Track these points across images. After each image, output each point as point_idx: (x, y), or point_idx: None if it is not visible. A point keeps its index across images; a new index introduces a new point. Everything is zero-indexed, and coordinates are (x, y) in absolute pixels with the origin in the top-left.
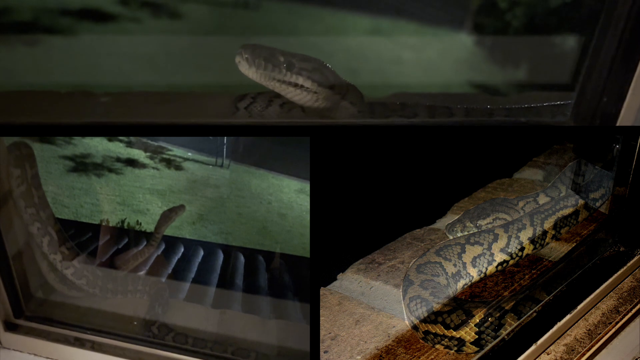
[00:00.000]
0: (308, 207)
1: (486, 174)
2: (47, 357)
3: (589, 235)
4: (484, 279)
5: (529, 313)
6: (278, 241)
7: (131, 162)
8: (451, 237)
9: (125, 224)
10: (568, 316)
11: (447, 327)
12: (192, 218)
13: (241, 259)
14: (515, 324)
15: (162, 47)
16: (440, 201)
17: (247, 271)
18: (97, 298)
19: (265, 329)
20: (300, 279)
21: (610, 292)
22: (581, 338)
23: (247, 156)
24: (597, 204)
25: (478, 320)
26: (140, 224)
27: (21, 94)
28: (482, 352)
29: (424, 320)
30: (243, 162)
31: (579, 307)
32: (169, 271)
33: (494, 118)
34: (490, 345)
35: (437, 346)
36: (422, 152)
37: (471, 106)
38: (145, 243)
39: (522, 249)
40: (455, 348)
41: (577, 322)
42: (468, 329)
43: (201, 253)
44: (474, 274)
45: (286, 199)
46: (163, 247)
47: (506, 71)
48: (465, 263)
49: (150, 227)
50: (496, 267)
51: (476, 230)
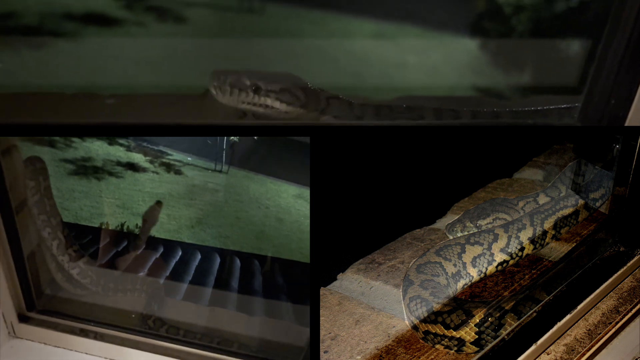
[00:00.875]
0: (306, 212)
1: (486, 174)
2: (56, 346)
3: (589, 235)
4: (484, 279)
5: (529, 313)
6: (275, 245)
7: (131, 166)
8: (451, 237)
9: (124, 227)
10: (568, 316)
11: (447, 327)
12: (191, 222)
13: (237, 263)
14: (515, 324)
15: (166, 50)
16: (440, 201)
17: (243, 274)
18: (100, 295)
19: (250, 325)
20: (296, 283)
21: (610, 292)
22: (581, 338)
23: (246, 161)
24: (597, 204)
25: (478, 320)
26: (139, 227)
27: (28, 96)
28: (482, 352)
29: (424, 320)
30: (242, 167)
31: (579, 307)
32: (167, 273)
33: (501, 120)
34: (490, 345)
35: (437, 346)
36: (422, 153)
37: (478, 109)
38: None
39: (522, 249)
40: (455, 348)
41: (577, 322)
42: (468, 329)
43: (199, 256)
44: (474, 274)
45: (284, 204)
46: (162, 250)
47: (511, 75)
48: (465, 263)
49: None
50: (496, 267)
51: (476, 230)
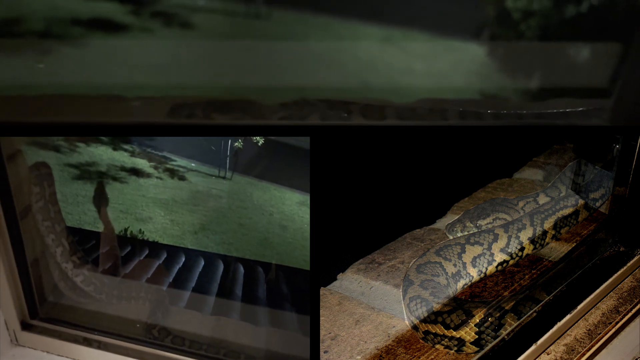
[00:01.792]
0: (309, 220)
1: (486, 174)
2: (59, 355)
3: (589, 235)
4: (484, 279)
5: (529, 313)
6: (278, 253)
7: (135, 171)
8: (451, 237)
9: (128, 232)
10: (568, 316)
11: (447, 327)
12: (194, 228)
13: (241, 270)
14: (515, 324)
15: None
16: (440, 201)
17: (247, 282)
18: (104, 303)
19: (257, 335)
20: (299, 291)
21: (610, 292)
22: (581, 338)
23: (250, 168)
24: (597, 204)
25: (478, 320)
26: (142, 233)
27: (56, 97)
28: (482, 352)
29: (424, 320)
30: (245, 174)
31: (579, 307)
32: (170, 280)
33: (525, 121)
34: (490, 345)
35: (437, 346)
36: (423, 153)
37: (501, 111)
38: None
39: (522, 249)
40: (455, 348)
41: (577, 322)
42: (468, 329)
43: (202, 263)
44: (474, 274)
45: (288, 211)
46: (164, 257)
47: (520, 80)
48: (465, 263)
49: (152, 236)
50: (496, 267)
51: (476, 230)
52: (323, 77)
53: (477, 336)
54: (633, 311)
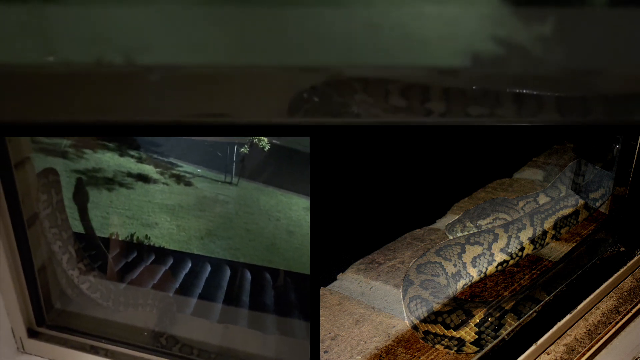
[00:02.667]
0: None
1: (486, 174)
2: None
3: (589, 235)
4: (484, 279)
5: (529, 313)
6: (286, 258)
7: (142, 177)
8: (451, 237)
9: (134, 238)
10: (568, 316)
11: (447, 327)
12: (201, 233)
13: (248, 276)
14: (515, 324)
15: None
16: (440, 201)
17: (254, 288)
18: (111, 310)
19: (265, 344)
20: (307, 297)
21: (610, 292)
22: (581, 338)
23: (256, 173)
24: (597, 204)
25: (478, 320)
26: (149, 238)
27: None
28: (482, 352)
29: (424, 320)
30: (252, 180)
31: (579, 307)
32: (176, 286)
33: (592, 117)
34: (490, 345)
35: (437, 346)
36: (423, 153)
37: (566, 94)
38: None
39: (522, 249)
40: (455, 348)
41: (577, 322)
42: (468, 329)
43: (208, 268)
44: (474, 274)
45: (295, 217)
46: (171, 262)
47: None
48: (465, 263)
49: (159, 242)
50: (496, 267)
51: (476, 230)
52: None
53: (477, 336)
54: (633, 311)
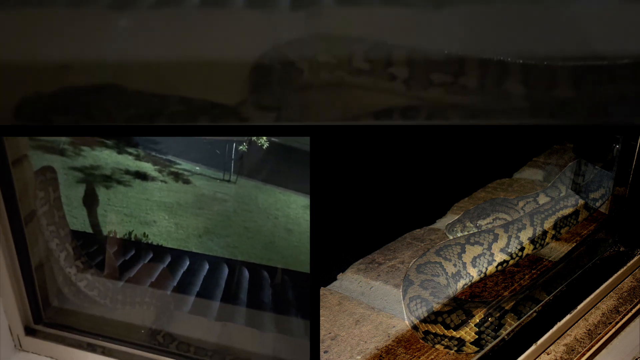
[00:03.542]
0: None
1: (486, 174)
2: None
3: (589, 235)
4: (484, 279)
5: (529, 313)
6: (284, 256)
7: (140, 175)
8: (451, 237)
9: (132, 236)
10: (568, 316)
11: (447, 327)
12: (199, 231)
13: (246, 274)
14: (515, 324)
15: None
16: (440, 201)
17: (252, 287)
18: (108, 308)
19: (263, 342)
20: (305, 296)
21: (610, 292)
22: (581, 338)
23: (255, 171)
24: (597, 204)
25: (478, 320)
26: (147, 236)
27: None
28: (482, 352)
29: (424, 320)
30: (250, 177)
31: (579, 307)
32: (174, 284)
33: (559, 92)
34: (490, 345)
35: (437, 346)
36: (423, 153)
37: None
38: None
39: (522, 249)
40: (455, 348)
41: (577, 322)
42: (468, 329)
43: (206, 266)
44: (474, 274)
45: (293, 215)
46: (169, 260)
47: None
48: (465, 263)
49: (157, 240)
50: (496, 267)
51: (476, 230)
52: None
53: (477, 336)
54: (633, 311)
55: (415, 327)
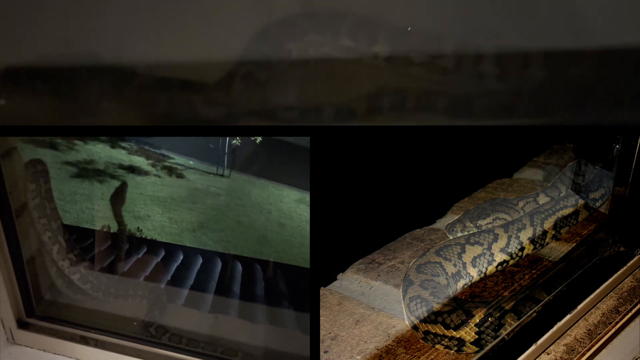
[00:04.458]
0: (307, 217)
1: (486, 174)
2: (55, 353)
3: (589, 235)
4: (484, 279)
5: (529, 313)
6: (277, 250)
7: (133, 169)
8: (451, 237)
9: (126, 230)
10: (568, 316)
11: (447, 327)
12: (193, 225)
13: (239, 268)
14: (515, 324)
15: None
16: (440, 201)
17: (245, 280)
18: (101, 301)
19: (254, 333)
20: (297, 289)
21: (610, 292)
22: (581, 338)
23: (248, 166)
24: (597, 204)
25: (478, 320)
26: (141, 231)
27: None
28: (482, 352)
29: (424, 320)
30: (243, 172)
31: (579, 307)
32: (168, 278)
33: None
34: (490, 345)
35: (437, 346)
36: (423, 153)
37: None
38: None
39: (522, 249)
40: (455, 348)
41: (577, 322)
42: (468, 329)
43: (200, 260)
44: (474, 274)
45: (286, 209)
46: (163, 254)
47: None
48: (465, 263)
49: (150, 234)
50: (496, 267)
51: (476, 230)
52: None
53: (477, 336)
54: (633, 311)
55: (415, 327)
